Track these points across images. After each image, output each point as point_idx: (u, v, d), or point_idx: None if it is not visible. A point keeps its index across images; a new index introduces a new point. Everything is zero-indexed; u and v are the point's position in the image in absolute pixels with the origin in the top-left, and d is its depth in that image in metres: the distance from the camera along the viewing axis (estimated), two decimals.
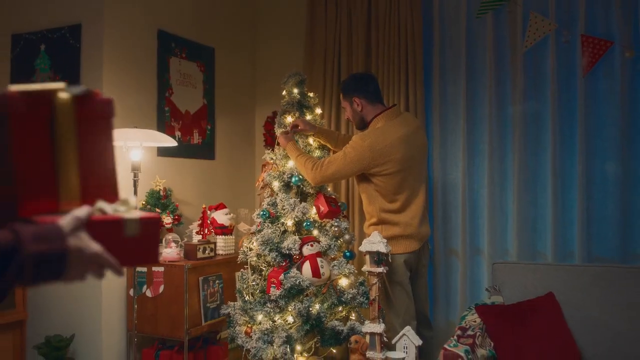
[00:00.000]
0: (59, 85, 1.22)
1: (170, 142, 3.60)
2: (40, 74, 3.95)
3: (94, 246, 1.14)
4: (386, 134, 3.36)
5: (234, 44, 4.90)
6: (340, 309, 3.47)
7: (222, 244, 3.96)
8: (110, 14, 3.79)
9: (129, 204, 1.28)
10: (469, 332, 2.88)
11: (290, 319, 3.33)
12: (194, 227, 3.94)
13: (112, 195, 1.30)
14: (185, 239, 3.98)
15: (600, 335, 3.03)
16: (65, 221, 1.14)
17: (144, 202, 3.78)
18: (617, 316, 3.06)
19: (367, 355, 2.99)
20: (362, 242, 3.20)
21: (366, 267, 3.16)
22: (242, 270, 3.58)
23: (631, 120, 3.83)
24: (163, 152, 4.06)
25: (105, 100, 1.32)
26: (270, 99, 5.00)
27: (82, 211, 1.17)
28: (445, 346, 2.69)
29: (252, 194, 4.97)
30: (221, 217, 3.98)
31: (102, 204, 1.23)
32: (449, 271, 4.28)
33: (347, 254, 3.51)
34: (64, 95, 1.22)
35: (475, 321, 3.03)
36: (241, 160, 4.97)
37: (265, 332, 3.32)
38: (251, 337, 3.37)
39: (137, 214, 1.23)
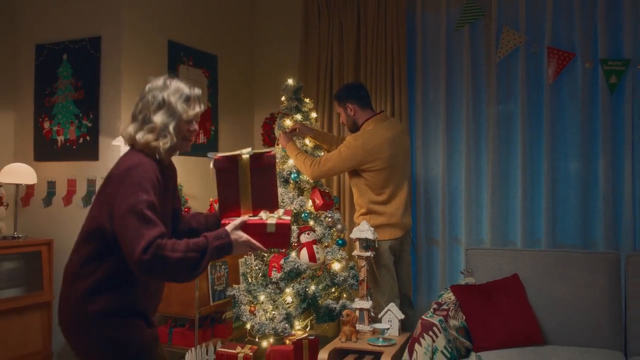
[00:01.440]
0: (243, 151, 2.34)
1: None
2: (62, 81, 4.37)
3: (245, 236, 2.20)
4: (375, 136, 3.85)
5: (234, 52, 5.35)
6: (333, 289, 3.94)
7: None
8: (126, 27, 4.23)
9: (278, 214, 2.33)
10: (444, 307, 3.36)
11: (289, 298, 3.80)
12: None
13: (272, 208, 2.36)
14: None
15: (558, 311, 3.49)
16: (231, 225, 2.20)
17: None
18: (574, 294, 3.52)
19: (356, 327, 3.47)
20: (352, 230, 3.69)
21: (356, 252, 3.65)
22: (245, 256, 4.03)
23: (590, 122, 4.32)
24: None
25: (269, 156, 2.38)
26: (268, 102, 5.45)
27: (241, 219, 2.24)
28: (423, 317, 3.17)
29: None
30: None
31: (262, 213, 2.31)
32: (430, 258, 4.76)
33: (339, 241, 3.99)
34: (244, 157, 2.35)
35: (450, 298, 3.50)
36: None
37: (267, 309, 3.79)
38: (255, 314, 3.84)
39: (275, 220, 2.28)
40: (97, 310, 2.09)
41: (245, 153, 2.34)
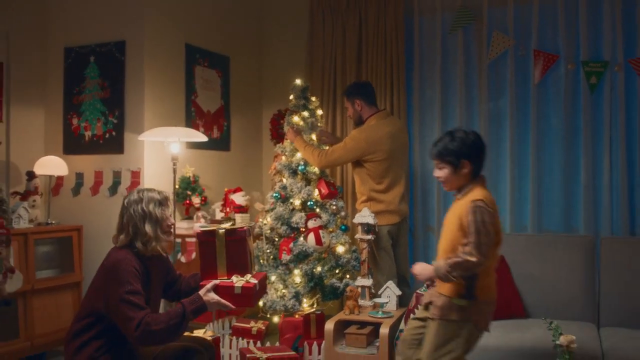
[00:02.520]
0: (221, 226, 2.91)
1: (201, 137, 4.46)
2: (90, 81, 4.78)
3: (215, 298, 2.75)
4: (378, 130, 4.28)
5: (245, 53, 5.75)
6: (337, 270, 4.34)
7: (240, 220, 4.80)
8: (148, 32, 4.63)
9: (246, 278, 2.83)
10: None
11: (297, 278, 4.21)
12: (217, 206, 4.82)
13: (243, 272, 2.88)
14: (209, 216, 4.84)
15: (538, 287, 3.89)
16: (203, 289, 2.76)
17: (178, 186, 4.62)
18: (553, 273, 3.92)
19: (358, 302, 3.88)
20: (355, 216, 4.10)
21: (358, 235, 4.07)
22: (257, 240, 4.44)
23: (573, 119, 4.72)
24: (191, 145, 4.90)
25: (242, 230, 2.92)
26: (275, 100, 5.85)
27: (213, 282, 2.77)
28: (417, 291, 3.58)
29: (260, 179, 5.84)
30: (239, 198, 4.83)
31: (234, 277, 2.84)
32: (426, 243, 5.17)
33: (343, 227, 4.40)
34: (220, 231, 2.88)
35: None
36: (251, 151, 5.83)
37: (277, 288, 4.20)
38: (267, 293, 4.25)
39: (242, 283, 2.79)
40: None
41: (222, 228, 2.92)
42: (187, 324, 2.67)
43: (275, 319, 4.25)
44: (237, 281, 2.81)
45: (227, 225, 2.99)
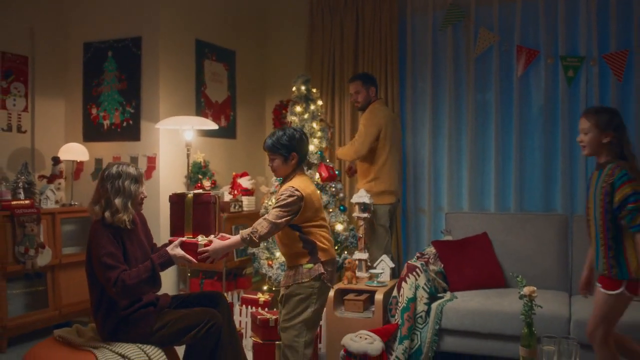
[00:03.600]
0: (189, 192, 3.33)
1: (212, 125, 4.87)
2: (108, 74, 5.18)
3: (181, 252, 3.07)
4: (383, 113, 4.86)
5: (249, 48, 6.16)
6: (336, 246, 4.76)
7: (246, 202, 5.23)
8: (162, 29, 5.03)
9: (210, 238, 3.14)
10: (426, 256, 4.21)
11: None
12: (226, 189, 5.23)
13: (207, 233, 3.21)
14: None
15: (517, 260, 4.32)
16: (171, 245, 3.09)
17: (190, 170, 5.03)
18: (531, 247, 4.35)
19: (356, 273, 4.32)
20: (353, 196, 4.53)
21: (356, 214, 4.50)
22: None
23: (552, 109, 5.14)
24: (201, 133, 5.31)
25: (207, 195, 3.28)
26: (277, 91, 6.27)
27: (179, 239, 3.12)
28: (408, 261, 4.02)
29: (263, 164, 6.25)
30: (245, 182, 5.26)
31: (199, 237, 3.19)
32: (418, 224, 5.61)
33: (342, 207, 4.83)
34: (189, 195, 3.29)
35: (432, 251, 4.35)
36: (255, 138, 6.24)
37: (282, 263, 4.62)
38: (272, 267, 4.68)
39: (205, 241, 3.10)
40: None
41: (190, 193, 3.31)
42: (158, 276, 3.01)
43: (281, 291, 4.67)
44: (202, 240, 3.15)
45: (196, 191, 3.39)
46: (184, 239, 3.16)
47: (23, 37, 5.03)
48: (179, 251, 3.10)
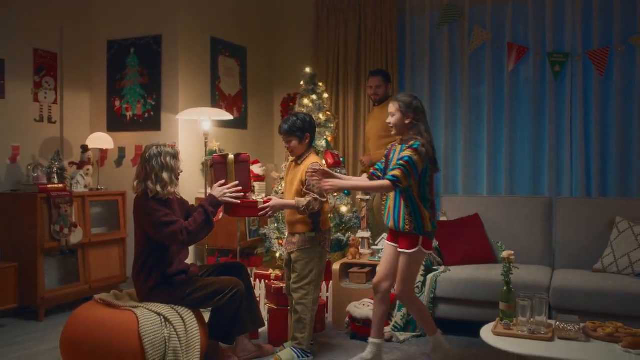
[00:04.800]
0: (229, 154, 3.76)
1: (228, 116, 5.32)
2: (130, 69, 5.63)
3: (223, 190, 3.63)
4: None
5: (259, 45, 6.60)
6: (341, 227, 5.21)
7: (258, 187, 5.68)
8: (181, 28, 5.47)
9: (253, 194, 4.00)
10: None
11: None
12: None
13: (247, 187, 3.73)
14: None
15: (505, 238, 4.71)
16: (214, 190, 3.66)
17: (205, 157, 5.47)
18: (518, 227, 4.78)
19: (359, 250, 4.76)
20: None
21: (359, 196, 4.94)
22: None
23: (540, 101, 5.59)
24: (216, 123, 5.75)
25: (245, 155, 3.77)
26: (285, 85, 6.72)
27: (221, 182, 3.67)
28: None
29: (272, 153, 6.71)
30: (257, 169, 5.70)
31: (249, 194, 3.79)
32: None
33: (346, 192, 5.27)
34: (230, 156, 3.72)
35: None
36: (265, 129, 6.70)
37: None
38: (282, 245, 5.12)
39: (262, 199, 3.73)
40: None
41: (230, 154, 3.73)
42: (211, 218, 3.54)
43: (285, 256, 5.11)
44: (259, 197, 3.68)
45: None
46: (239, 200, 3.64)
47: (53, 36, 5.47)
48: (221, 190, 3.60)
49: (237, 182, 3.68)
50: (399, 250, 3.45)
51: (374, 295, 3.68)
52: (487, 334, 2.95)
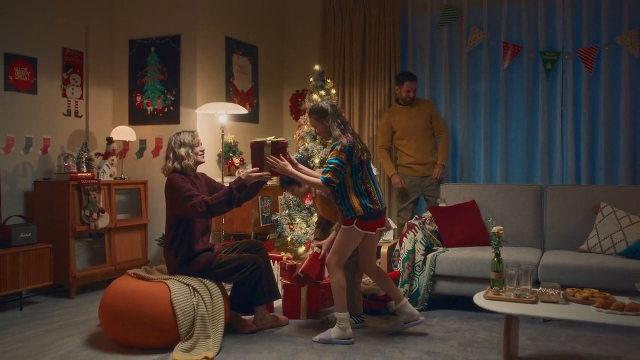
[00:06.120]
0: (268, 138, 4.02)
1: (243, 110, 5.73)
2: (151, 67, 6.03)
3: (252, 172, 3.98)
4: None
5: (270, 43, 7.01)
6: None
7: None
8: (198, 28, 5.87)
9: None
10: (423, 218, 5.07)
11: (316, 219, 5.48)
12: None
13: (280, 153, 3.95)
14: None
15: (499, 223, 5.13)
16: (244, 172, 4.03)
17: (221, 149, 5.88)
18: (511, 212, 5.17)
19: None
20: None
21: None
22: (285, 191, 5.70)
23: (532, 96, 5.99)
24: (230, 118, 6.16)
25: (283, 142, 3.97)
26: (294, 81, 7.13)
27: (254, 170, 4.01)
28: (408, 221, 4.87)
29: None
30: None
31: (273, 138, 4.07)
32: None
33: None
34: (268, 142, 3.99)
35: (428, 215, 5.20)
36: (275, 123, 7.11)
37: (302, 227, 5.48)
38: (293, 230, 5.53)
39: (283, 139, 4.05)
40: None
41: (269, 139, 3.99)
42: (234, 197, 3.88)
43: (300, 250, 5.53)
44: (276, 138, 3.98)
45: (271, 138, 4.14)
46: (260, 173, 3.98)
47: (80, 36, 5.88)
48: (250, 172, 3.94)
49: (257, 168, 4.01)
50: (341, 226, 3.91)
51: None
52: (479, 298, 3.35)
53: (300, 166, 4.03)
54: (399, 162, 6.02)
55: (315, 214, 5.45)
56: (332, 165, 3.73)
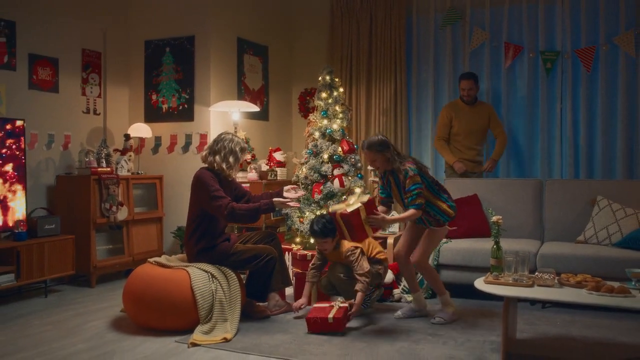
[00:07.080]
0: (351, 201, 4.05)
1: (255, 108, 5.98)
2: (166, 66, 6.28)
3: (282, 200, 4.28)
4: None
5: (279, 44, 7.25)
6: None
7: (280, 172, 6.32)
8: (211, 29, 6.12)
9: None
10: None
11: (325, 212, 5.72)
12: (263, 161, 6.34)
13: (373, 209, 3.99)
14: (258, 168, 6.37)
15: (501, 215, 5.36)
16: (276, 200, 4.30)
17: None
18: (512, 205, 5.39)
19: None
20: (369, 165, 5.61)
21: (371, 178, 5.59)
22: (295, 186, 5.93)
23: (533, 95, 6.22)
24: (242, 115, 6.40)
25: (370, 200, 3.99)
26: (303, 80, 7.37)
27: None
28: None
29: (290, 142, 7.36)
30: (279, 156, 6.35)
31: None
32: None
33: (359, 175, 5.91)
34: (361, 208, 3.90)
35: None
36: (284, 120, 7.35)
37: (311, 220, 5.71)
38: (303, 223, 5.77)
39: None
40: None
41: (355, 204, 3.92)
42: (258, 215, 4.19)
43: (311, 241, 5.77)
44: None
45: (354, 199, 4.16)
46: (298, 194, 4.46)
47: (98, 37, 6.13)
48: (281, 200, 4.24)
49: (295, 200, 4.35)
50: (431, 227, 4.21)
51: (397, 262, 4.43)
52: (480, 283, 3.59)
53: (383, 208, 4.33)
54: None
55: (327, 207, 5.69)
56: (415, 192, 4.01)
